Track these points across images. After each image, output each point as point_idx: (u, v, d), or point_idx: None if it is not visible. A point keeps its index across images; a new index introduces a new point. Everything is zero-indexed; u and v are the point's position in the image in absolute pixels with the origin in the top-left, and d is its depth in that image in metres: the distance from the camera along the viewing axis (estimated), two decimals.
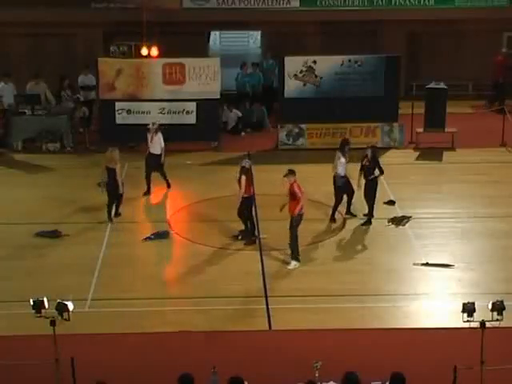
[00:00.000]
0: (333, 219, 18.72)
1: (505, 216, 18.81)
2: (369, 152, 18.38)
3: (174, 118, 23.48)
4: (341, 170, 18.59)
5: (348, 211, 18.89)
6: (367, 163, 18.32)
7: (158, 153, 20.24)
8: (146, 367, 12.90)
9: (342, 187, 18.67)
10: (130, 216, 19.28)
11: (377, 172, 18.29)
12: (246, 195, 17.70)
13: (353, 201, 18.86)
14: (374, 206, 18.51)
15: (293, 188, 16.59)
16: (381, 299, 15.22)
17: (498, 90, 26.99)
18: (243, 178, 17.60)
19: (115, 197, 18.82)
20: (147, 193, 20.39)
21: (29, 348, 13.27)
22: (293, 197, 16.59)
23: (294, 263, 16.60)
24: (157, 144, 20.21)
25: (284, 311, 14.76)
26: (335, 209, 18.79)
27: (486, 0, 27.73)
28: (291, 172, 16.80)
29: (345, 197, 18.85)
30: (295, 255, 16.65)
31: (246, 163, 17.89)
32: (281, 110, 24.34)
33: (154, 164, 20.33)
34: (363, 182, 18.38)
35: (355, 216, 18.81)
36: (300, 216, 16.71)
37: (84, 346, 13.32)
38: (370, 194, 18.38)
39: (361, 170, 18.38)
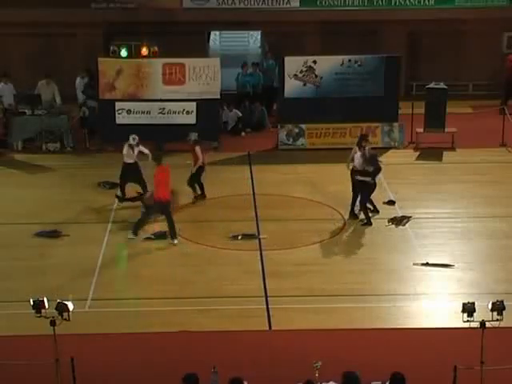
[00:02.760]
0: (354, 215, 18.66)
1: (505, 216, 18.81)
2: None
3: (174, 118, 23.49)
4: (358, 164, 18.48)
5: (352, 210, 18.77)
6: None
7: (134, 161, 19.69)
8: (146, 367, 12.90)
9: (359, 182, 18.53)
10: (130, 216, 19.28)
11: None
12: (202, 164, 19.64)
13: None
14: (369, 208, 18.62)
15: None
16: (381, 299, 15.22)
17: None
18: (197, 148, 19.46)
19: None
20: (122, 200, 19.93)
21: (29, 348, 13.27)
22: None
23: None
24: (135, 154, 19.68)
25: (284, 311, 14.76)
26: (353, 204, 18.69)
27: (486, 0, 27.75)
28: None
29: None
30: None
31: (193, 135, 19.65)
32: (281, 109, 24.35)
33: (134, 172, 19.78)
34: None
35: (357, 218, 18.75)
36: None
37: (84, 346, 13.32)
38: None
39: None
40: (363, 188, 18.37)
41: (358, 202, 18.56)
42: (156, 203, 17.58)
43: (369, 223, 18.39)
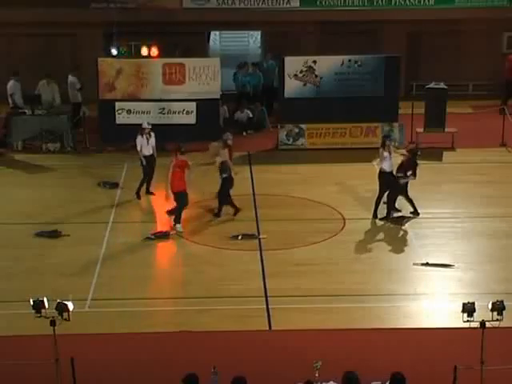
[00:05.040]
0: (375, 215, 18.71)
1: (505, 216, 18.82)
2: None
3: (174, 118, 23.50)
4: (386, 166, 18.54)
5: (375, 213, 18.76)
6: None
7: (151, 153, 20.24)
8: (146, 367, 12.90)
9: (387, 183, 18.59)
10: (130, 216, 19.30)
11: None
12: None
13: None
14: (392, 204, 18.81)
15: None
16: (381, 299, 15.23)
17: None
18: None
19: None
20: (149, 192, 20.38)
21: (29, 348, 13.27)
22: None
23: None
24: (150, 145, 20.19)
25: (284, 311, 14.77)
26: (377, 205, 18.74)
27: (486, 0, 27.75)
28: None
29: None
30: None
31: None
32: (281, 109, 24.35)
33: (153, 166, 20.27)
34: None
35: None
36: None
37: (84, 346, 13.32)
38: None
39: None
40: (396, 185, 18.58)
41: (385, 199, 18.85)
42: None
43: (388, 217, 18.53)
